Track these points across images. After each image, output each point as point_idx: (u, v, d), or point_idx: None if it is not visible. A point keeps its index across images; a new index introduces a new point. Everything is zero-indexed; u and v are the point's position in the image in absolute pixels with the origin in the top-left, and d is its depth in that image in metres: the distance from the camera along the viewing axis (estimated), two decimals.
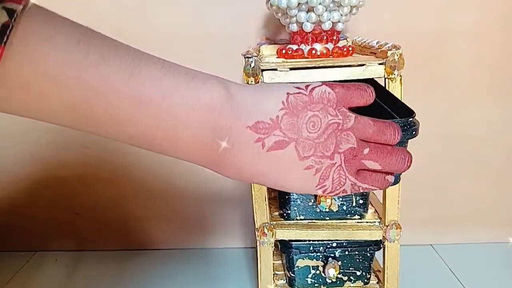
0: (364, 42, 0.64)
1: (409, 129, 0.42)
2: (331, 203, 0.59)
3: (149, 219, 0.89)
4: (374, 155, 0.33)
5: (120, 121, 0.28)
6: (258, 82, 0.54)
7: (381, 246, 0.61)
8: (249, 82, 0.53)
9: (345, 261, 0.63)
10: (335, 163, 0.32)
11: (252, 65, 0.53)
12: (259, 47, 0.71)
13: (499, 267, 0.82)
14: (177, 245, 0.91)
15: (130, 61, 0.28)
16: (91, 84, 0.26)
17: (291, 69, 0.54)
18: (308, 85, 0.32)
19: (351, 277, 0.64)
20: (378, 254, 0.63)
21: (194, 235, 0.90)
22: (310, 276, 0.64)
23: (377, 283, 0.66)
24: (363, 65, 0.53)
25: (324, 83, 0.33)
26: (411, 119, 0.44)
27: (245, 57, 0.53)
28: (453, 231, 0.90)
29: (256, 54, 0.54)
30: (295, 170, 0.32)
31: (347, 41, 0.71)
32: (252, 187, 0.58)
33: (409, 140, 0.46)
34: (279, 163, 0.31)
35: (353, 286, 0.65)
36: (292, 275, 0.64)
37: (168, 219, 0.89)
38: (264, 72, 0.53)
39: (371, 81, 0.56)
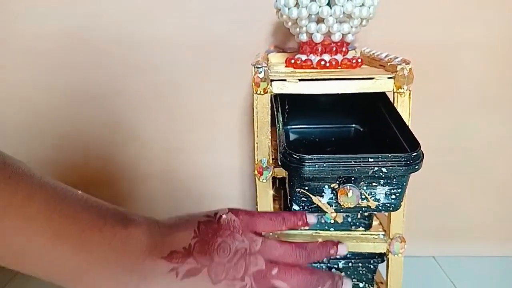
0: (373, 54, 0.64)
1: (413, 163, 0.42)
2: (336, 214, 0.59)
3: None
4: (282, 275, 0.35)
5: (38, 258, 0.28)
6: (266, 92, 0.54)
7: (385, 258, 0.61)
8: (258, 92, 0.53)
9: (348, 272, 0.63)
10: (246, 284, 0.34)
11: (262, 75, 0.53)
12: (267, 55, 0.71)
13: (501, 281, 0.81)
14: None
15: (52, 199, 0.29)
16: (12, 220, 0.27)
17: (300, 80, 0.54)
18: (216, 213, 0.36)
19: None
20: (381, 266, 0.63)
21: None
22: None
23: None
24: (372, 78, 0.53)
25: (230, 210, 0.36)
26: (415, 153, 0.44)
27: (254, 67, 0.53)
28: (456, 243, 0.89)
29: (265, 64, 0.54)
30: None
31: (355, 51, 0.71)
32: (258, 197, 0.58)
33: None
34: None
35: None
36: None
37: None
38: (273, 83, 0.54)
39: (382, 96, 0.56)
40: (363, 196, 0.46)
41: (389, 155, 0.43)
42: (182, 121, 0.82)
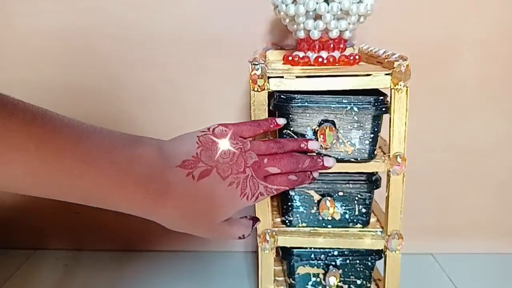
0: (371, 50, 0.63)
1: (380, 105, 0.54)
2: (334, 211, 0.59)
3: (150, 220, 0.89)
4: (271, 161, 0.45)
5: (73, 174, 0.33)
6: (264, 89, 0.53)
7: (382, 255, 0.61)
8: (255, 89, 0.53)
9: (346, 269, 0.63)
10: (248, 175, 0.43)
11: (259, 72, 0.52)
12: (265, 52, 0.71)
13: (499, 278, 0.81)
14: (177, 247, 0.91)
15: (77, 130, 0.34)
16: (48, 149, 0.31)
17: (297, 77, 0.53)
18: (210, 127, 0.44)
19: (352, 286, 0.64)
20: (379, 263, 0.63)
21: (194, 237, 0.90)
22: (310, 283, 0.64)
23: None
24: (369, 75, 0.53)
25: (219, 124, 0.45)
26: (381, 97, 0.54)
27: (251, 64, 0.53)
28: (454, 240, 0.89)
29: (263, 61, 0.54)
30: (221, 188, 0.41)
31: (353, 48, 0.71)
32: None
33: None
34: (208, 187, 0.40)
35: None
36: (293, 281, 0.64)
37: None
38: (270, 80, 0.53)
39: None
40: (340, 140, 0.55)
41: (360, 97, 0.53)
42: (179, 118, 0.82)
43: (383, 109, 0.54)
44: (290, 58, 0.62)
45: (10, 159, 0.30)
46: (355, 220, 0.61)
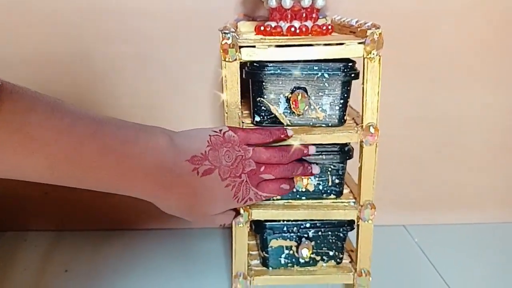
0: (344, 21, 0.63)
1: (349, 72, 0.54)
2: (308, 182, 0.59)
3: (124, 198, 0.87)
4: (267, 169, 0.49)
5: (92, 166, 0.36)
6: (236, 60, 0.52)
7: (354, 226, 0.62)
8: (226, 60, 0.52)
9: (318, 241, 0.63)
10: (243, 180, 0.47)
11: (230, 41, 0.51)
12: (237, 23, 0.69)
13: (471, 248, 0.83)
14: (153, 226, 0.89)
15: (93, 122, 0.36)
16: (67, 141, 0.34)
17: (269, 46, 0.52)
18: (221, 130, 0.47)
19: (324, 257, 0.65)
20: (352, 235, 0.64)
21: (170, 215, 0.89)
22: (283, 256, 0.64)
23: (350, 262, 0.66)
24: (342, 44, 0.52)
25: (230, 128, 0.48)
26: (351, 63, 0.55)
27: (222, 33, 0.51)
28: (426, 212, 0.91)
29: (234, 30, 0.52)
30: (219, 187, 0.45)
31: (326, 19, 0.70)
32: None
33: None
34: (209, 184, 0.45)
35: (326, 266, 0.65)
36: (266, 255, 0.64)
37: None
38: (242, 49, 0.52)
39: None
40: (312, 107, 0.56)
41: (330, 64, 0.54)
42: (150, 95, 0.80)
43: (352, 75, 0.54)
44: (262, 28, 0.60)
45: (31, 151, 0.32)
46: (328, 191, 0.61)
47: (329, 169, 0.60)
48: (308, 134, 0.55)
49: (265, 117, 0.57)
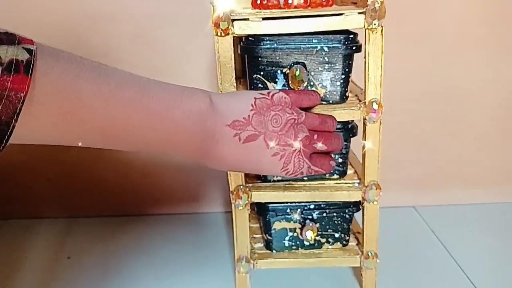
0: None
1: (350, 44, 0.51)
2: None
3: (125, 185, 0.86)
4: (321, 138, 0.45)
5: (139, 130, 0.35)
6: (228, 34, 0.49)
7: (360, 207, 0.59)
8: (218, 34, 0.49)
9: (323, 223, 0.61)
10: (295, 149, 0.43)
11: (221, 14, 0.48)
12: None
13: (482, 228, 0.81)
14: (156, 211, 0.88)
15: (139, 85, 0.36)
16: (115, 107, 0.33)
17: (264, 19, 0.49)
18: (269, 92, 0.44)
19: (330, 239, 0.63)
20: (359, 216, 0.62)
21: (173, 200, 0.88)
22: (287, 238, 0.62)
23: (357, 245, 0.64)
24: (341, 14, 0.49)
25: (280, 90, 0.45)
26: (352, 35, 0.52)
27: (213, 5, 0.49)
28: (435, 192, 0.88)
29: (225, 2, 0.49)
30: (264, 157, 0.42)
31: None
32: None
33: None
34: (252, 152, 0.41)
35: (331, 248, 0.63)
36: (269, 237, 0.62)
37: (144, 183, 0.86)
38: (234, 22, 0.49)
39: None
40: (311, 83, 0.53)
41: (330, 36, 0.51)
42: (148, 73, 0.77)
43: (354, 47, 0.51)
44: (258, 1, 0.57)
45: (80, 118, 0.31)
46: (331, 171, 0.59)
47: None
48: (308, 111, 0.53)
49: None
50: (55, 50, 0.31)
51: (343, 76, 0.53)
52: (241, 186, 0.57)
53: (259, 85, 0.54)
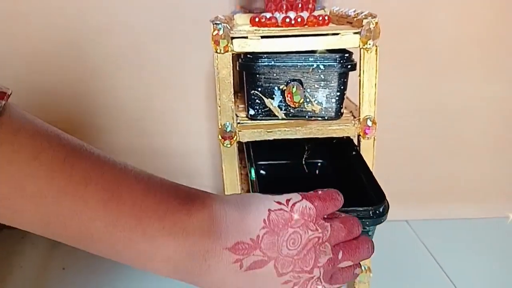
0: (342, 11, 0.61)
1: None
2: None
3: None
4: (346, 255, 0.34)
5: (92, 239, 0.28)
6: (227, 51, 0.51)
7: None
8: (218, 51, 0.50)
9: None
10: (314, 276, 0.33)
11: (221, 32, 0.50)
12: (233, 15, 0.68)
13: (473, 243, 0.82)
14: None
15: (111, 182, 0.28)
16: (69, 205, 0.26)
17: (262, 37, 0.51)
18: (289, 199, 0.33)
19: None
20: None
21: None
22: None
23: None
24: (337, 34, 0.51)
25: (303, 196, 0.33)
26: (347, 54, 0.52)
27: (213, 24, 0.50)
28: (428, 207, 0.90)
29: (225, 20, 0.51)
30: (273, 285, 0.32)
31: (324, 10, 0.68)
32: (223, 162, 0.56)
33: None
34: (257, 280, 0.32)
35: None
36: None
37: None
38: (234, 40, 0.51)
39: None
40: (307, 99, 0.54)
41: (325, 54, 0.52)
42: (145, 88, 0.79)
43: (349, 66, 0.53)
44: (257, 19, 0.59)
45: (20, 207, 0.26)
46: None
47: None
48: (303, 127, 0.54)
49: (260, 110, 0.56)
50: (22, 120, 0.26)
51: (338, 93, 0.54)
52: None
53: (257, 100, 0.55)
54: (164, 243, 0.29)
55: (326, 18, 0.58)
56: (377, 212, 0.44)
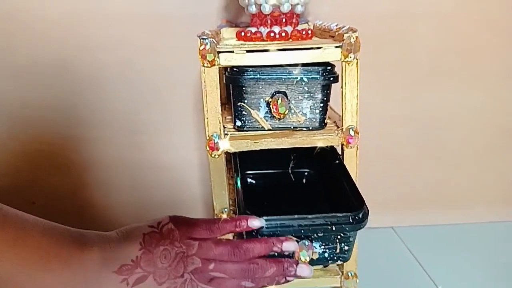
0: (324, 25, 0.63)
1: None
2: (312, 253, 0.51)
3: (109, 207, 0.87)
4: (218, 267, 0.42)
5: (7, 279, 0.33)
6: (214, 65, 0.52)
7: None
8: (205, 65, 0.52)
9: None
10: (186, 279, 0.41)
11: (208, 46, 0.51)
12: (219, 30, 0.70)
13: (459, 249, 0.84)
14: None
15: (19, 227, 0.35)
16: None
17: (248, 51, 0.53)
18: (160, 222, 0.42)
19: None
20: None
21: None
22: None
23: (337, 265, 0.66)
24: (320, 48, 0.53)
25: (171, 219, 0.43)
26: (329, 67, 0.54)
27: (200, 38, 0.52)
28: (413, 213, 0.91)
29: (212, 35, 0.52)
30: None
31: (308, 24, 0.70)
32: (211, 173, 0.58)
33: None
34: None
35: (313, 269, 0.65)
36: None
37: (129, 206, 0.87)
38: (220, 54, 0.52)
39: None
40: (292, 111, 0.56)
41: (309, 67, 0.54)
42: (134, 101, 0.80)
43: (331, 78, 0.55)
44: (242, 34, 0.61)
45: None
46: (335, 258, 0.57)
47: (338, 237, 0.51)
48: (289, 138, 0.56)
49: (246, 121, 0.57)
50: None
51: (321, 105, 0.56)
52: (225, 209, 0.59)
53: (243, 112, 0.57)
54: (62, 274, 0.36)
55: (310, 32, 0.61)
56: (357, 218, 0.47)
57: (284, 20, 0.60)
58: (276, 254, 0.45)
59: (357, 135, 0.56)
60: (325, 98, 0.56)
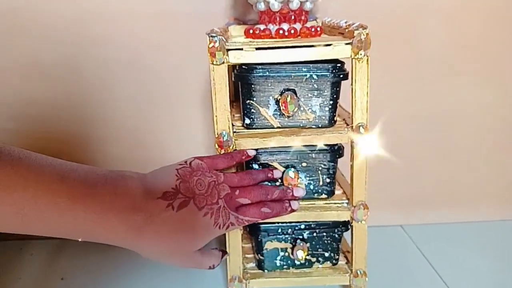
0: (333, 22, 0.63)
1: (337, 72, 0.54)
2: (297, 182, 0.58)
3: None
4: (242, 193, 0.50)
5: (59, 211, 0.36)
6: (224, 63, 0.52)
7: (349, 227, 0.61)
8: (214, 63, 0.52)
9: (313, 242, 0.63)
10: (220, 205, 0.47)
11: (217, 44, 0.51)
12: (227, 27, 0.70)
13: (469, 247, 0.83)
14: None
15: (61, 167, 0.38)
16: (34, 188, 0.34)
17: (257, 49, 0.52)
18: (187, 160, 0.48)
19: (320, 258, 0.64)
20: (348, 236, 0.64)
21: None
22: (278, 258, 0.64)
23: (346, 263, 0.66)
24: (330, 45, 0.52)
25: (196, 157, 0.49)
26: (339, 64, 0.55)
27: (209, 36, 0.51)
28: (423, 211, 0.91)
29: (221, 33, 0.52)
30: (197, 219, 0.45)
31: (316, 21, 0.70)
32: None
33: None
34: (186, 218, 0.44)
35: (321, 267, 0.65)
36: (261, 257, 0.64)
37: None
38: (229, 52, 0.52)
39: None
40: (301, 108, 0.56)
41: (318, 65, 0.54)
42: (143, 98, 0.80)
43: (341, 75, 0.54)
44: (251, 31, 0.60)
45: None
46: (319, 191, 0.61)
47: (320, 168, 0.59)
48: (298, 135, 0.55)
49: (255, 119, 0.57)
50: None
51: (331, 102, 0.56)
52: None
53: (252, 110, 0.57)
54: (113, 204, 0.39)
55: (319, 29, 0.60)
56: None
57: (293, 17, 0.60)
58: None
59: (367, 133, 0.55)
60: (334, 96, 0.56)
